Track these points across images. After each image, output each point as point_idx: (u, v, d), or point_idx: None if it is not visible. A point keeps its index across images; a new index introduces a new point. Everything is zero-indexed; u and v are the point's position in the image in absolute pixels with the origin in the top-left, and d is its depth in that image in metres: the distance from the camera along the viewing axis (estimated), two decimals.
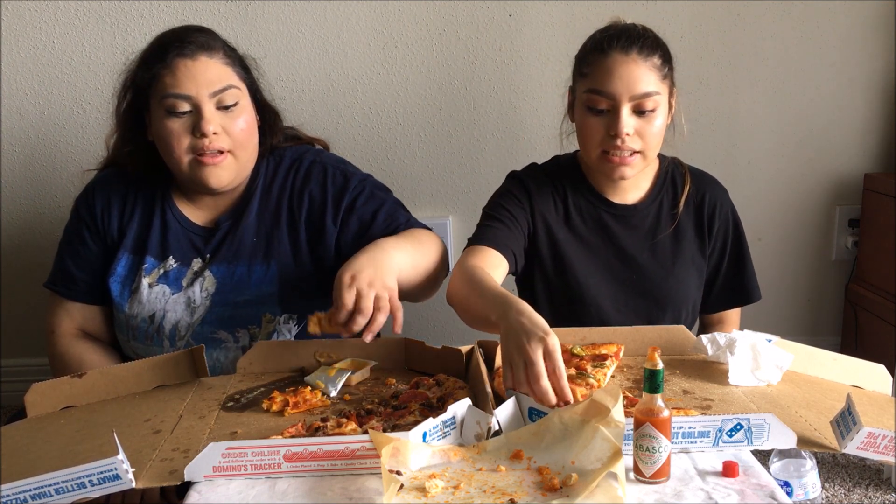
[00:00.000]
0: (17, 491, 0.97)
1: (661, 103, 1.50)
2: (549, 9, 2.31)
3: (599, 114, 1.49)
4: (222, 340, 1.55)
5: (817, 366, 1.36)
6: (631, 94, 1.46)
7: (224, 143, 1.49)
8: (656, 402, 1.00)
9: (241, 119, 1.50)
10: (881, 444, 1.04)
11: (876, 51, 2.38)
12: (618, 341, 1.42)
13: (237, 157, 1.51)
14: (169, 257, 1.57)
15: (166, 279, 1.56)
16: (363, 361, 1.40)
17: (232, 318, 1.53)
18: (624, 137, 1.47)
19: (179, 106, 1.46)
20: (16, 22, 2.22)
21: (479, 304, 1.34)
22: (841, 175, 2.48)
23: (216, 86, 1.47)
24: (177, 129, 1.47)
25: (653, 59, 1.48)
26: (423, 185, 2.40)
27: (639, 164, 1.53)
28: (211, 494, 1.01)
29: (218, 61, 1.50)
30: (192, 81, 1.46)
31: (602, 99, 1.48)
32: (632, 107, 1.47)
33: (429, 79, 2.33)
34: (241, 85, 1.52)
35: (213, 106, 1.47)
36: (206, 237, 1.58)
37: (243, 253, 1.57)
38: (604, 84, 1.47)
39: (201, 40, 1.50)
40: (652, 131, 1.50)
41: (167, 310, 1.55)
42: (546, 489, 0.98)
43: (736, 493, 0.99)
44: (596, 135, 1.50)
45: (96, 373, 1.34)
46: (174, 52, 1.47)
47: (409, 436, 1.04)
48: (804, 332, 2.54)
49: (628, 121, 1.47)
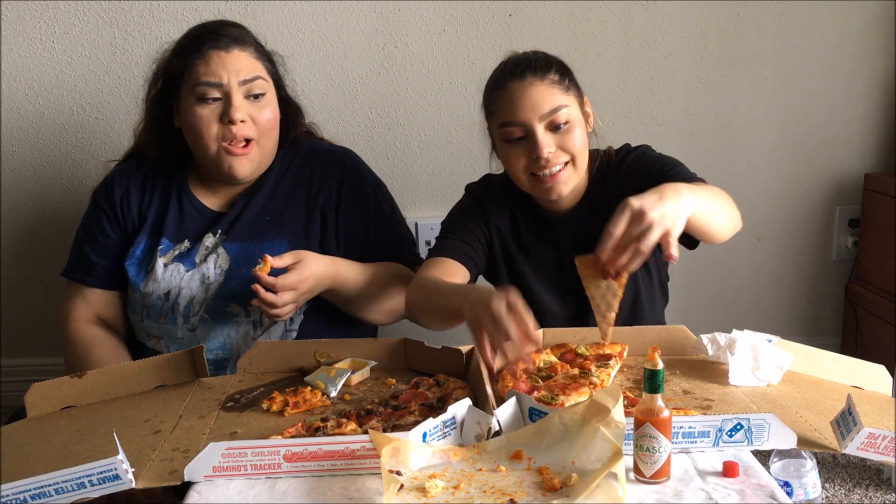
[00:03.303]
0: (16, 491, 0.97)
1: (573, 115, 1.51)
2: (549, 9, 2.31)
3: (518, 142, 1.51)
4: (234, 314, 1.61)
5: (817, 366, 1.36)
6: (539, 115, 1.48)
7: (250, 132, 1.57)
8: (656, 403, 1.00)
9: (267, 109, 1.60)
10: (881, 445, 1.04)
11: (876, 51, 2.38)
12: (618, 341, 1.42)
13: (261, 146, 1.60)
14: (185, 240, 1.65)
15: (181, 259, 1.64)
16: (363, 361, 1.40)
17: (245, 292, 1.56)
18: (547, 157, 1.49)
19: (210, 93, 1.55)
20: (16, 22, 2.22)
21: (439, 299, 1.41)
22: (841, 175, 2.48)
23: (246, 75, 1.57)
24: (206, 115, 1.56)
25: (549, 77, 1.50)
26: (423, 185, 2.40)
27: (570, 176, 1.53)
28: (211, 494, 1.01)
29: (249, 54, 1.59)
30: (224, 70, 1.55)
31: (515, 128, 1.50)
32: (545, 126, 1.49)
33: (429, 79, 2.33)
34: (268, 78, 1.62)
35: (241, 95, 1.56)
36: (217, 218, 1.66)
37: (257, 230, 1.64)
38: (511, 115, 1.50)
39: (235, 34, 1.60)
40: (573, 142, 1.50)
41: (182, 286, 1.61)
42: (546, 489, 0.98)
43: (736, 494, 0.99)
44: (520, 162, 1.52)
45: (96, 373, 1.34)
46: (209, 44, 1.56)
47: (409, 436, 1.04)
48: (804, 332, 2.54)
49: (545, 139, 1.49)
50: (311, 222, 1.67)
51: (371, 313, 1.66)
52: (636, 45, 2.34)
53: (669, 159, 1.58)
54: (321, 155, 1.74)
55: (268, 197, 1.67)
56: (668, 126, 2.40)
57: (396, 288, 1.66)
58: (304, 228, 1.67)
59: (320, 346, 1.43)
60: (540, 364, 1.36)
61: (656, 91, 2.37)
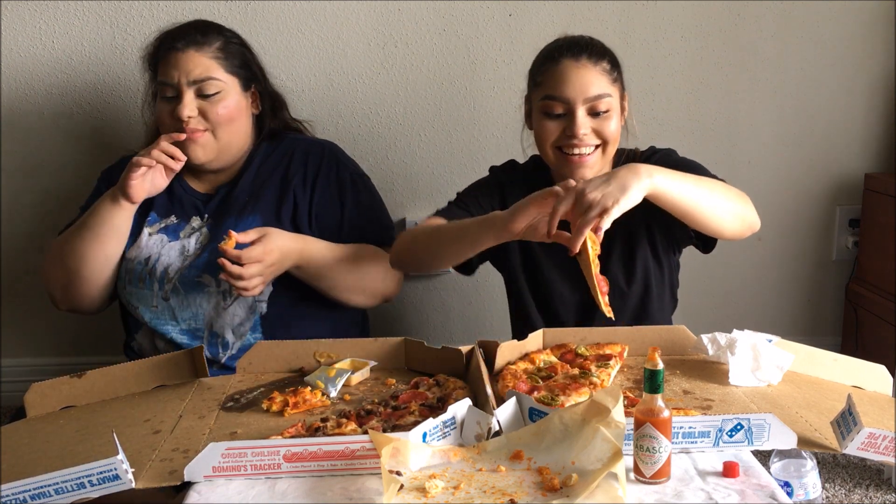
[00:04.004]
0: (16, 491, 0.97)
1: (613, 105, 1.55)
2: (549, 9, 2.30)
3: (556, 118, 1.55)
4: (206, 285, 1.70)
5: (818, 366, 1.36)
6: (585, 97, 1.53)
7: (200, 126, 1.68)
8: (656, 403, 1.00)
9: (220, 105, 1.69)
10: (881, 445, 1.04)
11: (876, 51, 2.38)
12: (618, 341, 1.42)
13: (217, 136, 1.70)
14: (171, 215, 1.76)
15: (166, 230, 1.75)
16: (363, 361, 1.40)
17: (216, 263, 1.63)
18: (581, 136, 1.53)
19: (166, 91, 1.69)
20: (16, 22, 2.22)
21: (447, 232, 1.47)
22: (841, 175, 2.48)
23: (197, 76, 1.67)
24: (165, 110, 1.69)
25: (602, 64, 1.55)
26: (423, 185, 2.40)
27: (597, 161, 1.56)
28: (211, 495, 1.01)
29: (205, 56, 1.69)
30: (177, 70, 1.67)
31: (557, 104, 1.54)
32: (586, 109, 1.53)
33: (429, 79, 2.33)
34: (225, 78, 1.70)
35: (192, 93, 1.67)
36: (205, 201, 1.77)
37: (235, 208, 1.74)
38: (557, 90, 1.54)
39: (194, 37, 1.70)
40: (609, 129, 1.55)
41: (161, 254, 1.72)
42: (546, 489, 0.98)
43: (736, 494, 0.99)
44: (552, 136, 1.56)
45: (96, 373, 1.34)
46: (167, 45, 1.69)
47: (409, 436, 1.04)
48: (804, 332, 2.54)
49: (584, 121, 1.53)
50: (284, 201, 1.75)
51: (343, 292, 1.72)
52: (636, 45, 2.34)
53: (692, 162, 1.61)
54: (302, 144, 1.84)
55: (249, 183, 1.77)
56: (668, 126, 2.39)
57: (369, 267, 1.73)
58: (275, 206, 1.74)
59: (320, 346, 1.43)
60: (540, 364, 1.37)
61: (656, 91, 2.37)
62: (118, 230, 1.68)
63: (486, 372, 1.25)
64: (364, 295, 1.75)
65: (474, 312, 2.44)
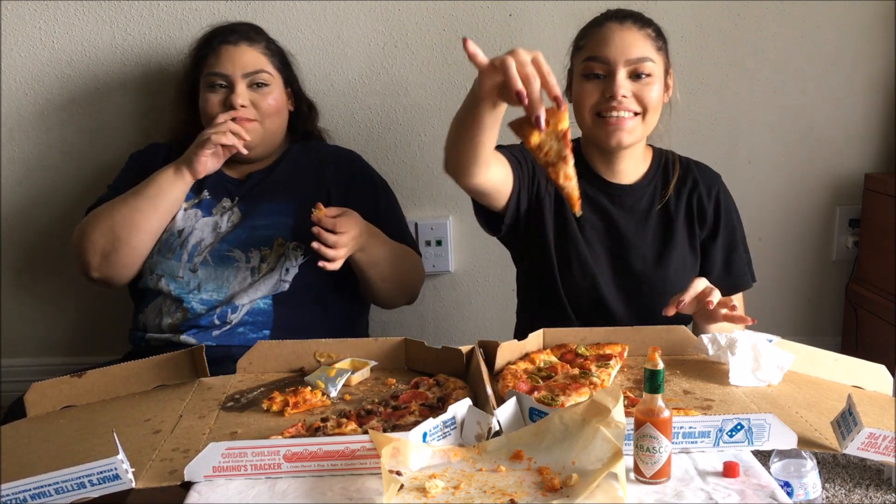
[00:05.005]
0: (16, 491, 0.97)
1: (656, 72, 1.53)
2: (549, 9, 2.30)
3: (596, 79, 1.53)
4: (235, 259, 1.77)
5: (818, 366, 1.36)
6: (626, 59, 1.51)
7: (250, 114, 1.79)
8: (657, 403, 1.00)
9: (270, 97, 1.82)
10: (882, 445, 1.04)
11: (876, 51, 2.38)
12: (618, 341, 1.42)
13: (264, 126, 1.81)
14: (204, 191, 1.83)
15: (199, 206, 1.83)
16: (363, 361, 1.40)
17: (248, 240, 1.77)
18: (620, 99, 1.50)
19: (217, 81, 1.80)
20: (16, 22, 2.21)
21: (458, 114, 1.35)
22: (841, 175, 2.47)
23: (250, 69, 1.80)
24: (214, 100, 1.80)
25: (647, 30, 1.54)
26: (423, 185, 2.40)
27: (635, 127, 1.53)
28: (211, 494, 1.01)
29: (256, 50, 1.84)
30: (231, 62, 1.79)
31: (598, 64, 1.52)
32: (628, 71, 1.51)
33: (429, 79, 2.33)
34: (273, 73, 1.85)
35: (245, 84, 1.79)
36: (237, 185, 1.86)
37: (269, 193, 1.83)
38: (599, 50, 1.52)
39: (246, 32, 1.85)
40: (650, 94, 1.52)
41: (195, 227, 1.80)
42: (546, 489, 0.98)
43: (736, 494, 0.99)
44: (591, 99, 1.53)
45: (96, 373, 1.34)
46: (220, 39, 1.82)
47: (409, 436, 1.04)
48: (804, 332, 2.54)
49: (624, 83, 1.51)
50: (320, 196, 1.78)
51: (385, 284, 1.80)
52: None
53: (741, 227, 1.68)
54: (332, 150, 1.98)
55: (286, 173, 1.87)
56: (668, 126, 2.39)
57: (410, 266, 1.83)
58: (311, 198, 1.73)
59: (320, 346, 1.43)
60: (540, 364, 1.37)
61: None
62: (176, 202, 1.76)
63: (487, 372, 1.25)
64: (399, 290, 1.85)
65: (474, 312, 2.44)
